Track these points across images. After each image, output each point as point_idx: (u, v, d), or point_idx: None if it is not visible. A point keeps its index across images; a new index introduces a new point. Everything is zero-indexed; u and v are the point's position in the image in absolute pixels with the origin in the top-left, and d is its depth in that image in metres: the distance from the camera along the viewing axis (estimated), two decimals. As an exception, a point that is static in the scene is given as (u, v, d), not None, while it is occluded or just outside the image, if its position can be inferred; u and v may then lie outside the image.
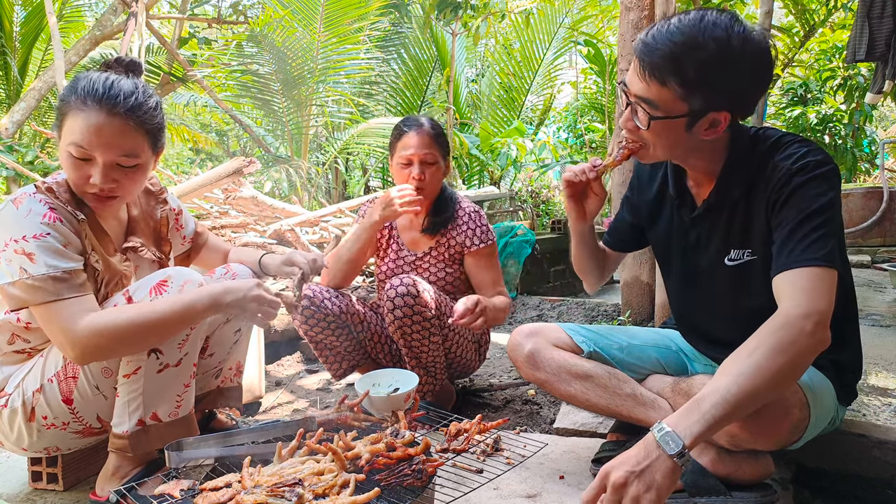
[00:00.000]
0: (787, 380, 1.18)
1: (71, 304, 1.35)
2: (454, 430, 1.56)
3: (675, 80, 1.24)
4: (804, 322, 1.14)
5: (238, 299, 1.44)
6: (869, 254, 5.94)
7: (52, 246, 1.36)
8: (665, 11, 3.00)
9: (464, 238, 2.23)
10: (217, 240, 1.98)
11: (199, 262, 1.94)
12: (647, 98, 1.29)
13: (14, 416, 1.49)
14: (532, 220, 7.49)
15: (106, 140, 1.40)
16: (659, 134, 1.32)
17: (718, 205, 1.43)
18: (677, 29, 1.24)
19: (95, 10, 11.40)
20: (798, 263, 1.20)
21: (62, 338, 1.35)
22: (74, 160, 1.41)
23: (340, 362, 2.25)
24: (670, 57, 1.23)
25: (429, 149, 2.16)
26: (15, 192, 1.44)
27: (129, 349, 1.41)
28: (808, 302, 1.16)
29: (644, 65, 1.26)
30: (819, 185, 1.26)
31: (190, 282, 1.47)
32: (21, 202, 1.40)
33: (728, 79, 1.24)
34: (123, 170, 1.45)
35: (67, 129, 1.41)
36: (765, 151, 1.37)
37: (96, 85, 1.41)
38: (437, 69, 9.38)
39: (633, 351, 1.69)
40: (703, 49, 1.21)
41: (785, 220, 1.28)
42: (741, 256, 1.42)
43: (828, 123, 7.21)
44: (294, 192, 6.93)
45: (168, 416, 1.50)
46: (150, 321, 1.36)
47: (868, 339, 1.69)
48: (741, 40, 1.22)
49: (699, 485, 1.41)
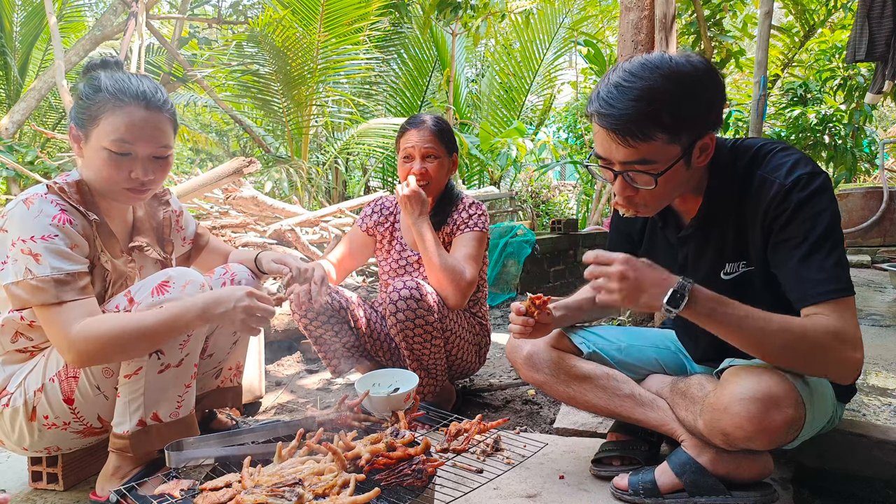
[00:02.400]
0: (797, 367, 1.27)
1: (71, 308, 1.37)
2: (454, 430, 1.57)
3: (659, 130, 1.24)
4: (850, 344, 1.22)
5: (227, 311, 1.43)
6: (869, 254, 5.93)
7: (58, 248, 1.38)
8: (665, 12, 3.00)
9: (453, 227, 2.23)
10: (218, 242, 1.99)
11: (199, 264, 1.94)
12: (640, 159, 1.27)
13: (16, 416, 1.50)
14: (532, 220, 7.50)
15: (148, 133, 1.47)
16: (666, 184, 1.31)
17: (709, 221, 1.42)
18: (628, 90, 1.23)
19: (95, 10, 11.41)
20: (823, 297, 1.23)
21: (60, 340, 1.37)
22: (114, 157, 1.45)
23: (339, 359, 2.26)
24: (643, 114, 1.22)
25: (429, 143, 2.16)
26: (27, 192, 1.45)
27: (120, 356, 1.42)
28: (852, 327, 1.22)
29: (619, 132, 1.25)
30: (820, 201, 1.26)
31: (192, 282, 1.48)
32: (32, 202, 1.41)
33: (698, 104, 1.26)
34: (158, 161, 1.52)
35: (105, 128, 1.44)
36: (747, 163, 1.37)
37: (127, 83, 1.46)
38: (437, 69, 9.38)
39: (632, 352, 1.69)
40: (664, 92, 1.22)
41: (792, 241, 1.27)
42: (737, 269, 1.41)
43: (828, 123, 7.21)
44: (294, 192, 6.93)
45: (169, 417, 1.50)
46: (139, 331, 1.37)
47: (868, 339, 1.69)
48: (686, 66, 1.25)
49: (699, 484, 1.41)
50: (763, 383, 1.25)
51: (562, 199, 11.34)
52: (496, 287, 4.81)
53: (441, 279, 2.05)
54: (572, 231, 5.72)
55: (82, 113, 1.47)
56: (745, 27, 6.42)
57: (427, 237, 2.06)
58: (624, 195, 1.35)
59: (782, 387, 1.25)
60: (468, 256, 2.13)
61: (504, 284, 4.75)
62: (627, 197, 1.35)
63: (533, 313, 1.56)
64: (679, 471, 1.44)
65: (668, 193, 1.36)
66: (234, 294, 1.44)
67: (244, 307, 1.43)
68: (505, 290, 4.73)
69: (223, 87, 8.18)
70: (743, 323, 1.22)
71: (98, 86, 1.46)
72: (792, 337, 1.21)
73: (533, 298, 1.56)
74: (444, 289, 2.07)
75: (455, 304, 2.09)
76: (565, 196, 11.49)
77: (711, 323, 1.24)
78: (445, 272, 2.04)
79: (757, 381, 1.26)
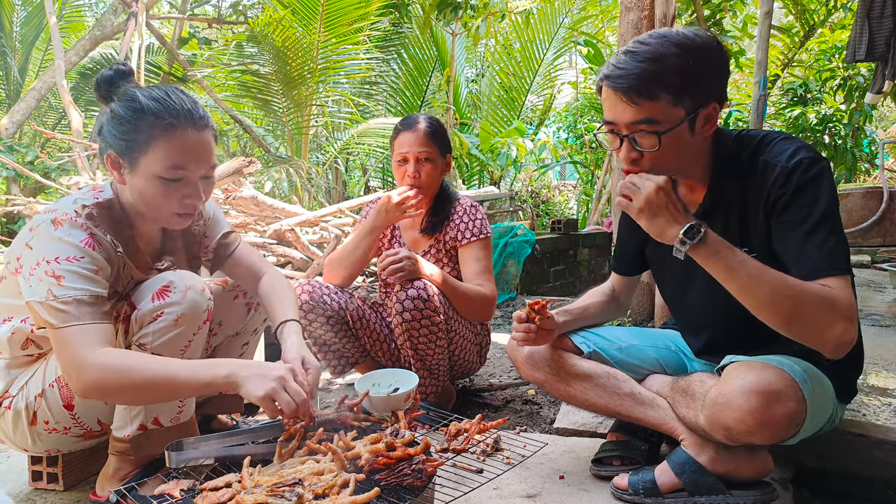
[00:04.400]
0: (787, 321, 1.25)
1: (88, 331, 1.30)
2: (454, 429, 1.56)
3: (663, 90, 1.29)
4: (846, 314, 1.23)
5: (258, 374, 1.29)
6: (869, 254, 5.93)
7: (82, 270, 1.33)
8: (665, 12, 3.01)
9: (456, 233, 2.23)
10: (248, 255, 1.79)
11: (227, 274, 1.81)
12: (644, 119, 1.31)
13: (18, 419, 1.49)
14: (532, 220, 7.50)
15: (199, 155, 1.40)
16: (669, 147, 1.34)
17: (714, 207, 1.45)
18: (638, 52, 1.31)
19: (95, 10, 11.41)
20: (824, 272, 1.26)
21: (70, 363, 1.29)
22: (166, 184, 1.38)
23: (339, 359, 2.26)
24: (649, 73, 1.29)
25: (424, 146, 2.17)
26: (57, 209, 1.39)
27: (130, 399, 1.37)
28: (851, 301, 1.25)
29: (625, 91, 1.31)
30: (819, 184, 1.30)
31: (192, 287, 1.45)
32: (61, 224, 1.36)
33: (703, 71, 1.31)
34: (207, 181, 1.46)
35: (157, 154, 1.36)
36: (752, 151, 1.40)
37: (170, 102, 1.38)
38: (437, 69, 9.38)
39: (632, 351, 1.69)
40: (671, 56, 1.29)
41: (793, 221, 1.30)
42: None
43: (828, 123, 7.21)
44: (294, 192, 6.93)
45: (170, 422, 1.49)
46: (165, 382, 1.29)
47: (868, 339, 1.69)
48: (694, 37, 1.32)
49: (699, 483, 1.41)
50: (765, 378, 1.25)
51: (562, 199, 11.35)
52: (496, 287, 4.80)
53: (467, 312, 2.15)
54: (572, 231, 5.72)
55: (125, 139, 1.37)
56: (745, 27, 6.43)
57: (437, 281, 2.07)
58: (629, 158, 1.37)
59: (784, 381, 1.25)
60: (483, 271, 2.19)
61: (504, 284, 4.75)
62: (633, 160, 1.37)
63: (534, 319, 1.57)
64: (679, 470, 1.44)
65: (672, 159, 1.37)
66: (270, 366, 1.33)
67: (278, 377, 1.29)
68: (505, 290, 4.73)
69: (223, 87, 8.19)
70: (744, 265, 1.26)
71: (139, 107, 1.36)
72: (786, 288, 1.24)
73: (532, 304, 1.57)
74: (476, 316, 2.20)
75: (485, 320, 2.26)
76: (565, 196, 11.51)
77: (717, 262, 1.28)
78: (470, 302, 2.12)
79: (758, 375, 1.26)
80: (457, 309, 2.11)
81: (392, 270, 1.97)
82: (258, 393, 1.26)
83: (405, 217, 2.18)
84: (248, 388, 1.27)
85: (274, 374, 1.29)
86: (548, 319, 1.59)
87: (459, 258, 2.25)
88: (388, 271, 1.98)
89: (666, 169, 1.38)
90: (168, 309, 1.42)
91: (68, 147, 7.35)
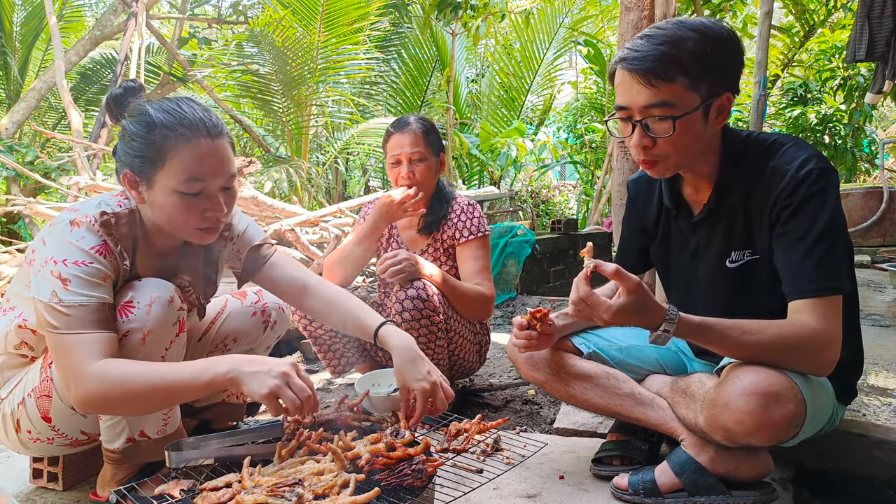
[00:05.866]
0: (773, 362, 1.29)
1: (91, 340, 1.26)
2: (454, 430, 1.57)
3: (680, 73, 1.29)
4: (823, 345, 1.27)
5: (259, 371, 1.25)
6: (869, 254, 5.93)
7: (88, 276, 1.29)
8: (665, 12, 3.00)
9: (454, 231, 2.24)
10: (286, 267, 1.69)
11: (266, 288, 1.73)
12: (660, 101, 1.31)
13: (6, 424, 1.48)
14: (532, 220, 7.50)
15: (216, 165, 1.35)
16: (682, 135, 1.33)
17: (719, 208, 1.45)
18: (656, 36, 1.31)
19: (95, 10, 11.41)
20: (812, 294, 1.28)
21: (70, 373, 1.24)
22: (185, 198, 1.33)
23: (339, 359, 2.27)
24: (667, 56, 1.29)
25: (416, 147, 2.17)
26: (77, 212, 1.35)
27: (132, 409, 1.33)
28: (830, 327, 1.27)
29: (642, 73, 1.30)
30: (825, 198, 1.30)
31: (156, 301, 1.36)
32: (78, 226, 1.32)
33: (720, 59, 1.32)
34: (228, 192, 1.40)
35: (172, 168, 1.31)
36: (760, 154, 1.40)
37: (181, 113, 1.33)
38: (437, 69, 9.38)
39: (632, 351, 1.69)
40: (689, 41, 1.29)
41: (794, 232, 1.31)
42: (742, 257, 1.43)
43: (828, 123, 7.21)
44: (294, 192, 6.93)
45: (156, 434, 1.46)
46: (167, 387, 1.25)
47: (868, 339, 1.69)
48: (712, 25, 1.33)
49: (699, 483, 1.41)
50: (764, 379, 1.25)
51: (562, 199, 11.35)
52: (496, 287, 4.80)
53: (467, 311, 2.15)
54: (572, 231, 5.72)
55: (139, 155, 1.33)
56: (745, 27, 6.43)
57: (437, 281, 2.07)
58: (641, 145, 1.37)
59: (783, 383, 1.25)
60: (481, 270, 2.19)
61: (504, 284, 4.74)
62: (645, 147, 1.37)
63: (535, 326, 1.57)
64: (679, 470, 1.44)
65: (684, 148, 1.36)
66: (273, 361, 1.29)
67: (282, 372, 1.25)
68: (505, 290, 4.73)
69: (223, 87, 8.19)
70: (724, 339, 1.30)
71: (150, 122, 1.32)
72: (767, 345, 1.28)
73: (533, 313, 1.57)
74: (475, 315, 2.19)
75: (484, 319, 2.25)
76: (565, 196, 11.51)
77: (698, 340, 1.34)
78: (469, 302, 2.12)
79: (758, 376, 1.26)
80: (456, 308, 2.11)
81: (392, 273, 1.97)
82: (261, 391, 1.22)
83: (405, 216, 2.18)
84: (251, 386, 1.24)
85: (277, 370, 1.25)
86: (548, 325, 1.59)
87: (457, 257, 2.25)
88: (389, 273, 1.98)
89: (676, 159, 1.38)
90: (132, 326, 1.33)
91: (68, 147, 7.35)
